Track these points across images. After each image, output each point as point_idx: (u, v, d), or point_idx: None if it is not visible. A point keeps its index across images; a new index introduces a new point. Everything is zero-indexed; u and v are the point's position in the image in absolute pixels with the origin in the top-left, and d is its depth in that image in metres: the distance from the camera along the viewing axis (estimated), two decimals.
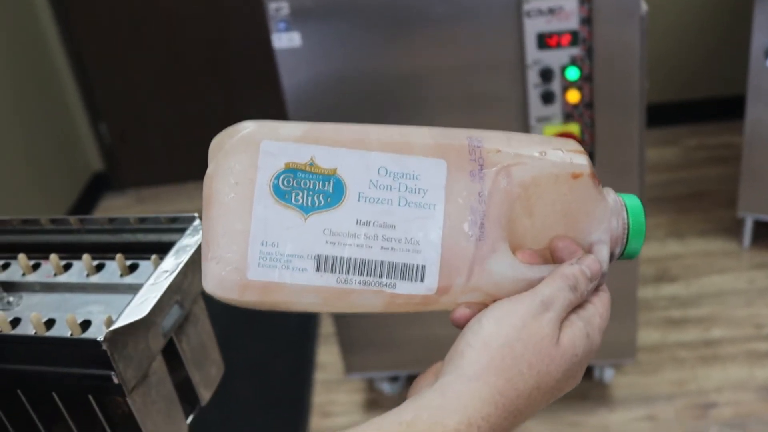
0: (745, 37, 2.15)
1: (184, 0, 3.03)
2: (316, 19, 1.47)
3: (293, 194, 0.51)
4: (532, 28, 1.44)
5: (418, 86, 1.53)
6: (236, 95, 3.19)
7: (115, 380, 0.61)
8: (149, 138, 3.31)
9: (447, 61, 1.51)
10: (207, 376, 0.77)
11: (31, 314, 0.70)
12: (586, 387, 2.03)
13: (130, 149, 3.33)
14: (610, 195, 0.56)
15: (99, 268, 0.76)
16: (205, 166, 0.52)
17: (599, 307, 0.54)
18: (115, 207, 3.29)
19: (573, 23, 1.43)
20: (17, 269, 0.78)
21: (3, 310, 0.74)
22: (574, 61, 1.47)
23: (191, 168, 3.40)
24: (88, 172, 3.33)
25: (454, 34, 1.48)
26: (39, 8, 3.01)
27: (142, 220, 0.77)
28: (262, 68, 3.11)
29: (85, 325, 0.70)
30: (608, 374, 2.00)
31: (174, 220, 0.75)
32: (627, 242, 0.56)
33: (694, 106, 3.15)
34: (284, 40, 1.47)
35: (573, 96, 1.50)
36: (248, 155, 0.51)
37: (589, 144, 1.55)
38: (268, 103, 3.17)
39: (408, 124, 0.54)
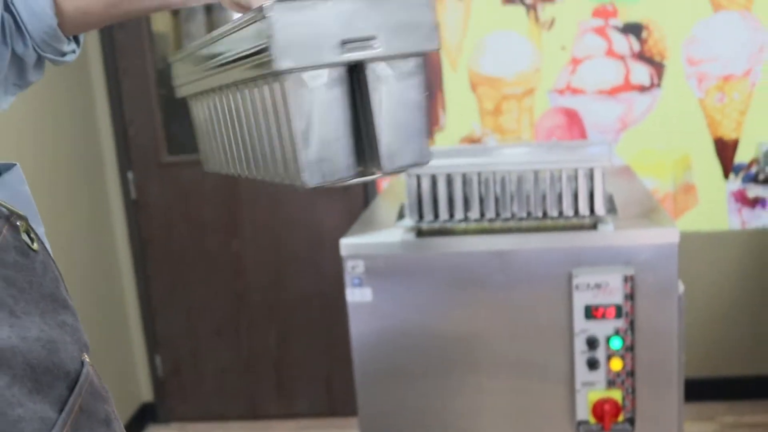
0: None
1: (252, 247, 3.28)
2: (386, 277, 1.65)
3: None
4: (581, 300, 1.61)
5: (473, 347, 1.67)
6: (290, 341, 3.35)
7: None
8: (200, 374, 3.44)
9: (501, 325, 1.66)
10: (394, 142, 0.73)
11: None
12: None
13: (180, 383, 3.46)
14: None
15: None
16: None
17: None
18: None
19: (617, 298, 1.60)
20: None
21: None
22: (617, 332, 1.62)
23: (238, 408, 3.50)
24: (138, 401, 3.44)
25: (509, 301, 1.64)
26: (118, 239, 3.28)
27: None
28: (316, 317, 3.30)
29: None
30: None
31: None
32: None
33: (730, 383, 3.23)
34: (357, 295, 1.65)
35: (616, 364, 1.63)
36: None
37: (630, 410, 1.65)
38: (320, 351, 3.32)
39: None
